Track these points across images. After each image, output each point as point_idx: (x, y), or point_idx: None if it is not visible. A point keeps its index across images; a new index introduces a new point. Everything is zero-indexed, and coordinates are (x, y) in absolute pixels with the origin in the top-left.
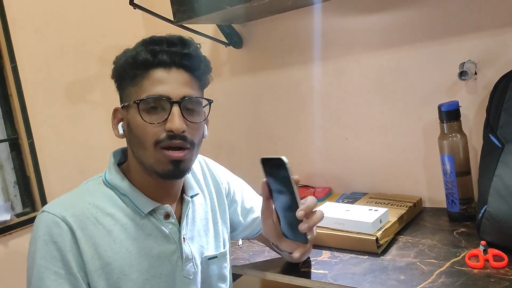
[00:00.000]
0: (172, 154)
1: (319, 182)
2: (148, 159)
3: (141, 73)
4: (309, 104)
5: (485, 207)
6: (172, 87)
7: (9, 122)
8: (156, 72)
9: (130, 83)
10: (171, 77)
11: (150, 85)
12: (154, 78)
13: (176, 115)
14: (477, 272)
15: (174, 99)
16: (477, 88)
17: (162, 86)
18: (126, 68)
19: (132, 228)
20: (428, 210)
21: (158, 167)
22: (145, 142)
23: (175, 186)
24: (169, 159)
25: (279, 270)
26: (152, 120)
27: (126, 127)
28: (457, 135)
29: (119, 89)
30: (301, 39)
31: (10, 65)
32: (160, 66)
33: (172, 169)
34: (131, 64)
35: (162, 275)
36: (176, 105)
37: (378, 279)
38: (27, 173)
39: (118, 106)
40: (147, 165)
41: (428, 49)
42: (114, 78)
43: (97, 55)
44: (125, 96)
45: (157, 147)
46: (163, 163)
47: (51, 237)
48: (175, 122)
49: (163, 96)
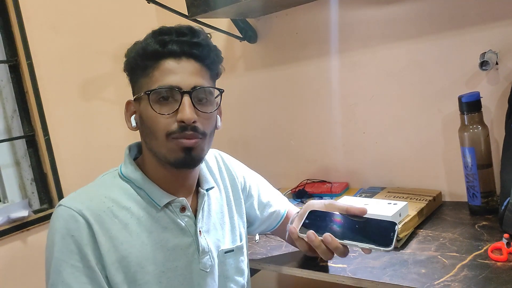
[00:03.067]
0: (183, 141)
1: (336, 177)
2: (160, 149)
3: (152, 64)
4: (324, 98)
5: (508, 199)
6: (183, 77)
7: (25, 119)
8: (166, 63)
9: (142, 75)
10: (181, 67)
11: (161, 75)
12: (164, 68)
13: (187, 105)
14: (501, 265)
15: (185, 89)
16: (498, 79)
17: (173, 76)
18: (137, 60)
19: (148, 221)
20: (448, 204)
21: (170, 156)
22: (157, 133)
23: (190, 178)
24: (181, 147)
25: (296, 264)
26: (163, 111)
27: (139, 119)
28: (478, 127)
29: (131, 81)
30: (316, 32)
31: (26, 62)
32: (170, 56)
33: (184, 157)
34: (142, 55)
35: (178, 267)
36: (187, 95)
37: (398, 272)
38: (44, 170)
39: (130, 99)
40: (160, 155)
41: (447, 40)
42: (126, 71)
43: (111, 52)
44: (137, 88)
45: (169, 138)
46: (175, 151)
47: (68, 231)
48: (186, 113)
49: (173, 87)
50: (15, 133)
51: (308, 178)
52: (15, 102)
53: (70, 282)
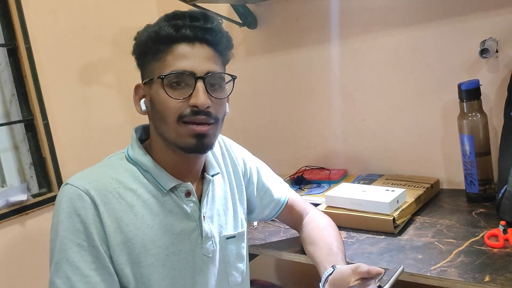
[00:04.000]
0: (195, 128)
1: (335, 164)
2: (170, 133)
3: (164, 48)
4: (324, 85)
5: (506, 186)
6: (196, 62)
7: (24, 103)
8: (179, 47)
9: (153, 59)
10: (194, 52)
11: (174, 60)
12: (177, 52)
13: (201, 90)
14: (497, 251)
15: (198, 75)
16: (498, 66)
17: (186, 61)
18: (149, 44)
19: (153, 204)
20: (445, 191)
21: (180, 141)
22: (168, 117)
23: (197, 164)
24: (193, 133)
25: (294, 249)
26: (176, 95)
27: (149, 103)
28: (477, 115)
29: (140, 65)
30: (317, 18)
31: (25, 45)
32: (184, 41)
33: (196, 143)
34: (154, 39)
35: (182, 252)
36: (201, 81)
37: (395, 258)
38: (43, 154)
39: (139, 83)
40: (170, 139)
41: (448, 27)
42: (136, 54)
43: (111, 36)
44: (148, 72)
45: (180, 122)
46: (186, 136)
47: (75, 210)
48: (200, 98)
49: (187, 71)
50: (14, 117)
51: (307, 165)
52: (13, 86)
53: (75, 260)
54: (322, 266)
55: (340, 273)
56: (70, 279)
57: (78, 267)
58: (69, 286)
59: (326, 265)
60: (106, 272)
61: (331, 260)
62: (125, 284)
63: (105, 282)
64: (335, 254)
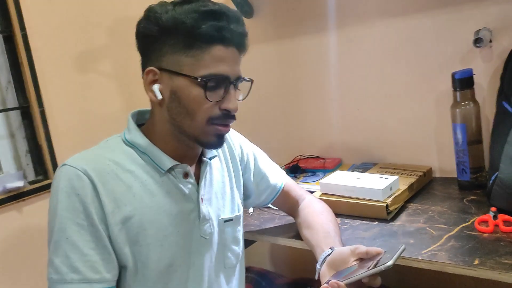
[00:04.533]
0: (222, 129)
1: (329, 153)
2: (195, 130)
3: (201, 45)
4: (320, 74)
5: (497, 173)
6: (231, 66)
7: (20, 91)
8: (217, 48)
9: (183, 51)
10: (229, 55)
11: (212, 61)
12: (215, 54)
13: (233, 95)
14: (487, 236)
15: (232, 79)
16: (492, 56)
17: (224, 65)
18: (182, 35)
19: (151, 184)
20: (438, 179)
21: (203, 138)
22: (198, 116)
23: (196, 149)
24: (218, 133)
25: (290, 235)
26: (212, 98)
27: (169, 94)
28: (470, 103)
29: (154, 50)
30: (313, 8)
31: (21, 32)
32: (221, 42)
33: (217, 141)
34: (191, 33)
35: (179, 232)
36: (233, 85)
37: (388, 243)
38: (39, 142)
39: (152, 68)
40: (191, 135)
41: (442, 16)
42: (150, 37)
43: (107, 24)
44: (172, 62)
45: (209, 123)
46: (211, 135)
47: (74, 189)
48: (234, 103)
49: (225, 76)
50: (10, 104)
51: (302, 153)
52: (9, 74)
53: (75, 239)
54: (319, 248)
55: (339, 253)
56: (69, 258)
57: (77, 246)
58: (68, 264)
59: (323, 247)
60: (105, 251)
61: (329, 243)
62: (124, 263)
63: (104, 261)
64: (332, 237)
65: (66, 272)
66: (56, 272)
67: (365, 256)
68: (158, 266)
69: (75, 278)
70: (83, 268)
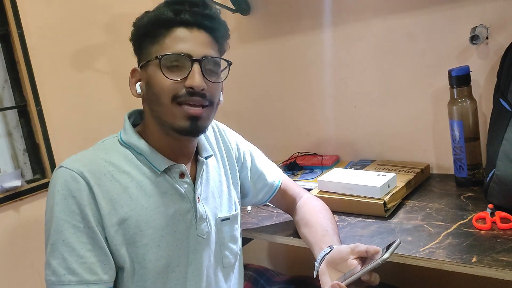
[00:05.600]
0: (188, 110)
1: (327, 150)
2: (165, 115)
3: (163, 31)
4: (317, 71)
5: (493, 170)
6: (194, 46)
7: (17, 89)
8: (178, 31)
9: (151, 42)
10: (192, 36)
11: (172, 42)
12: (176, 36)
13: (197, 72)
14: (484, 233)
15: (195, 57)
16: (488, 53)
17: (184, 44)
18: (149, 27)
19: (148, 185)
20: (435, 176)
21: (175, 123)
22: (163, 97)
23: (190, 146)
24: (187, 115)
25: (287, 233)
26: (173, 76)
27: (145, 86)
28: (467, 100)
29: (138, 50)
30: (310, 5)
31: (17, 31)
32: (182, 25)
33: (190, 126)
34: (154, 22)
35: (176, 232)
36: (197, 63)
37: (385, 240)
38: (36, 140)
39: (136, 67)
40: (164, 121)
41: (439, 14)
42: (134, 39)
43: (103, 22)
44: (145, 55)
45: (174, 103)
46: (180, 118)
47: (70, 192)
48: (196, 79)
49: (184, 54)
50: (7, 103)
51: (300, 151)
52: (6, 72)
53: (72, 241)
54: (318, 246)
55: (339, 251)
56: (66, 260)
57: (74, 248)
58: (65, 266)
59: (322, 245)
60: (102, 253)
61: (327, 241)
62: (121, 264)
63: (101, 263)
64: (331, 235)
65: (63, 274)
66: (53, 274)
67: (364, 254)
68: (155, 267)
69: (73, 280)
70: (80, 269)
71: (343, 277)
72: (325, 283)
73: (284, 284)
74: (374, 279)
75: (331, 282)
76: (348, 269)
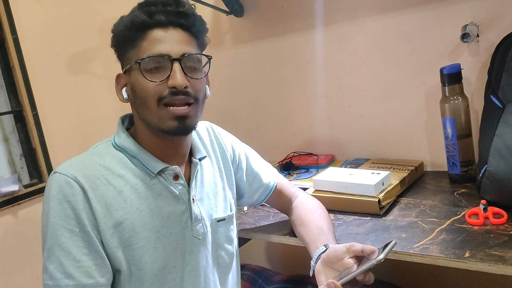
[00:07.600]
0: (175, 111)
1: (322, 149)
2: (152, 118)
3: (140, 35)
4: (311, 71)
5: (486, 166)
6: (171, 45)
7: (12, 95)
8: (154, 32)
9: (130, 47)
10: (169, 36)
11: (149, 45)
12: (152, 38)
13: (178, 71)
14: (477, 229)
15: (174, 57)
16: (479, 51)
17: (161, 45)
18: (125, 32)
19: (142, 188)
20: (429, 173)
21: (162, 124)
22: (148, 101)
23: (183, 147)
24: (173, 116)
25: (284, 232)
26: (154, 79)
27: (130, 91)
28: (459, 98)
29: (119, 56)
30: (302, 5)
31: (12, 36)
32: (158, 26)
33: (177, 125)
34: (130, 27)
35: (172, 234)
36: (177, 62)
37: (380, 237)
38: (33, 145)
39: (120, 73)
40: (152, 124)
41: (431, 12)
42: (114, 46)
43: (97, 26)
44: (126, 60)
45: (160, 104)
46: (167, 119)
47: (65, 197)
48: (177, 78)
49: (163, 54)
50: (2, 109)
51: (295, 150)
52: (1, 77)
53: (68, 246)
54: (314, 245)
55: (334, 250)
56: (63, 264)
57: (70, 252)
58: (61, 271)
59: (317, 244)
60: (98, 256)
61: (323, 239)
62: (118, 267)
63: (97, 266)
64: (326, 234)
65: (60, 278)
66: (50, 279)
67: (360, 253)
68: (152, 268)
69: (70, 284)
70: (77, 273)
71: (338, 276)
72: (321, 282)
73: (282, 283)
74: (369, 278)
75: (326, 281)
76: (344, 268)
